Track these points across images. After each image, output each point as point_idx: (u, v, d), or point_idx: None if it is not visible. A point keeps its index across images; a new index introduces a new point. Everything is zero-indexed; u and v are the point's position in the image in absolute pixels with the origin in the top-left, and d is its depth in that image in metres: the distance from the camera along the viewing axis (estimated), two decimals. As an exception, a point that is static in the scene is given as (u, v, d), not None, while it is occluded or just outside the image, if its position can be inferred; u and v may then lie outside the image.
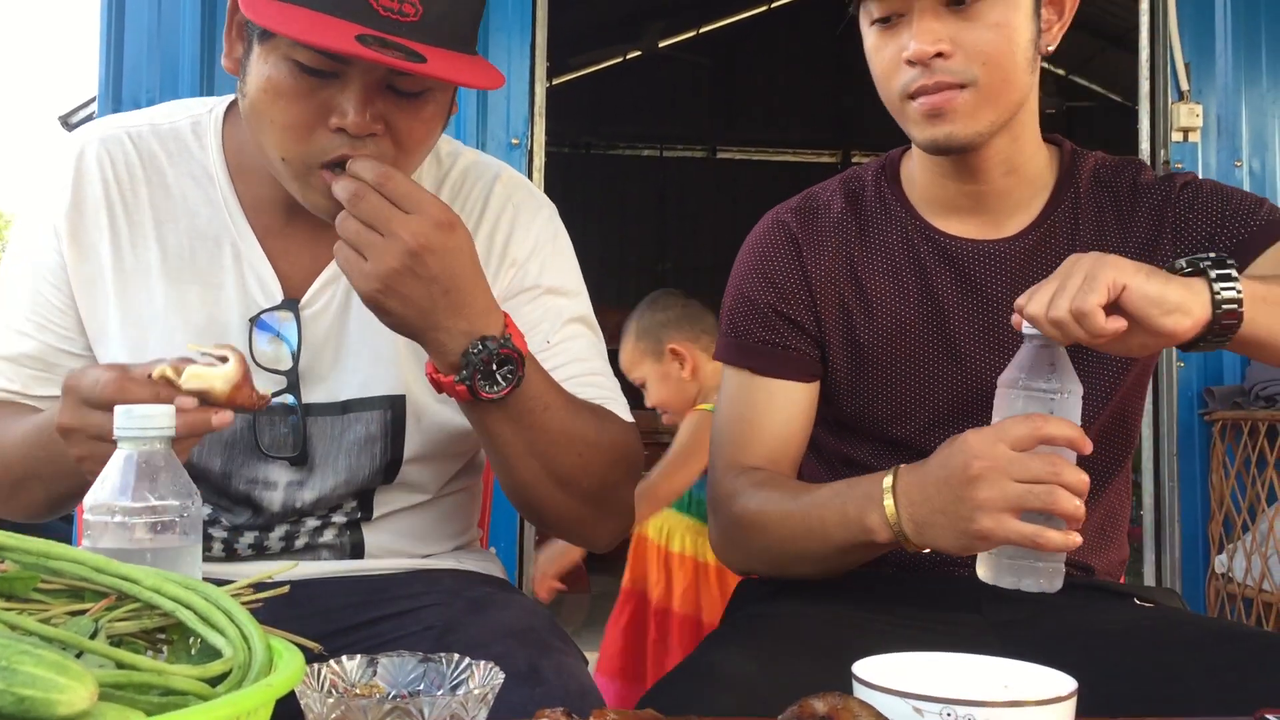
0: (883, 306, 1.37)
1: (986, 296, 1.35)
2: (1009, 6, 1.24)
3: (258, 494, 1.27)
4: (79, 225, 1.24)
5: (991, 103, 1.25)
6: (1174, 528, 3.55)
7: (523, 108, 3.41)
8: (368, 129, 1.09)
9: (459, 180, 1.33)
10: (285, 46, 1.09)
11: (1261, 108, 3.65)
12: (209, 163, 1.26)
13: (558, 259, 1.33)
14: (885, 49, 1.28)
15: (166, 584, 0.73)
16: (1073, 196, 1.37)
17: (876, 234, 1.40)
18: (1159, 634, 1.22)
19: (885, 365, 1.37)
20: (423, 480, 1.33)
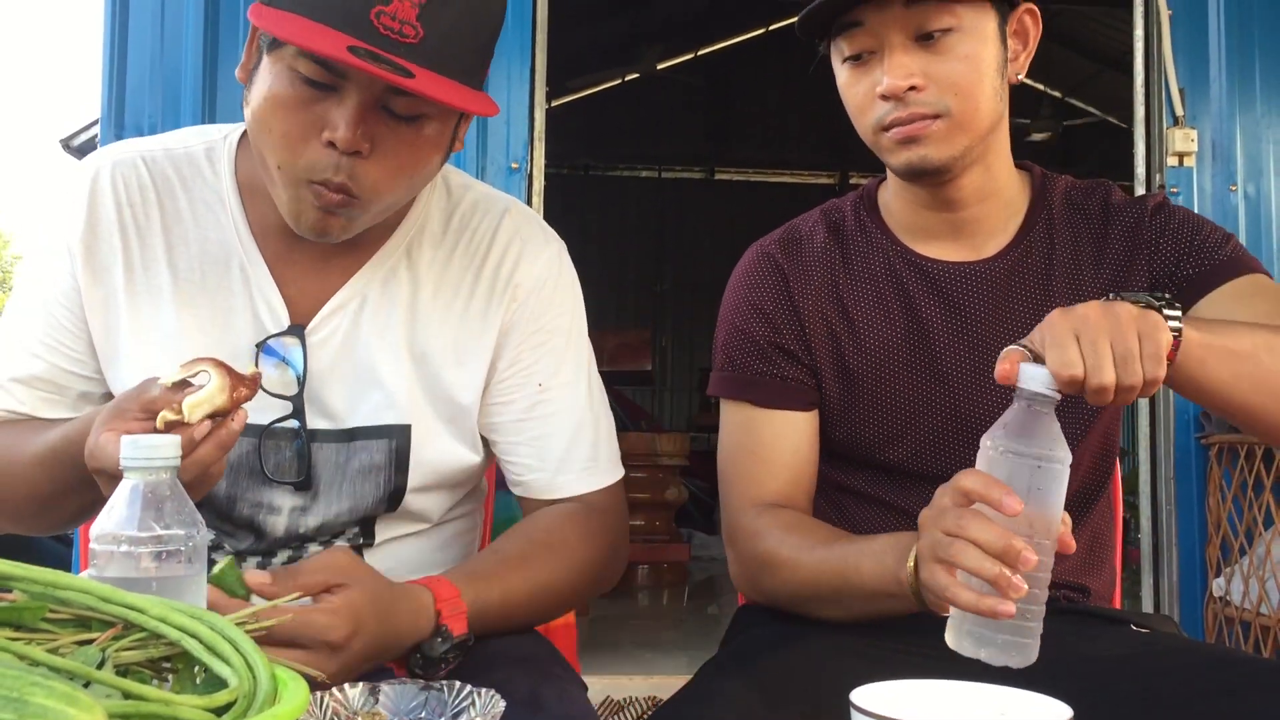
0: (869, 332, 1.40)
1: (969, 316, 1.38)
2: (977, 39, 1.29)
3: (261, 519, 1.28)
4: (93, 247, 1.25)
5: (963, 129, 1.29)
6: (1171, 551, 3.56)
7: (522, 132, 3.43)
8: (355, 145, 1.11)
9: (468, 212, 1.34)
10: (289, 57, 1.11)
11: (1256, 133, 3.67)
12: (221, 188, 1.28)
13: (559, 296, 1.34)
14: (858, 85, 1.32)
15: (172, 613, 0.74)
16: (1046, 218, 1.41)
17: (859, 261, 1.43)
18: (1154, 660, 1.22)
19: (874, 390, 1.39)
20: (425, 509, 1.34)
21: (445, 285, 1.31)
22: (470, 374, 1.30)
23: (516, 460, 1.33)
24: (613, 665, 3.63)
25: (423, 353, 1.29)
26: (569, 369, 1.33)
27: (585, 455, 1.32)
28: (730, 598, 1.53)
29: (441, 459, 1.31)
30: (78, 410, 1.28)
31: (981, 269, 1.38)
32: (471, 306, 1.31)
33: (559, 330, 1.33)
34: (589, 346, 1.38)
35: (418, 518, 1.35)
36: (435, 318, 1.30)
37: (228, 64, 3.40)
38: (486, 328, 1.31)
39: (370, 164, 1.13)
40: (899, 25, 1.27)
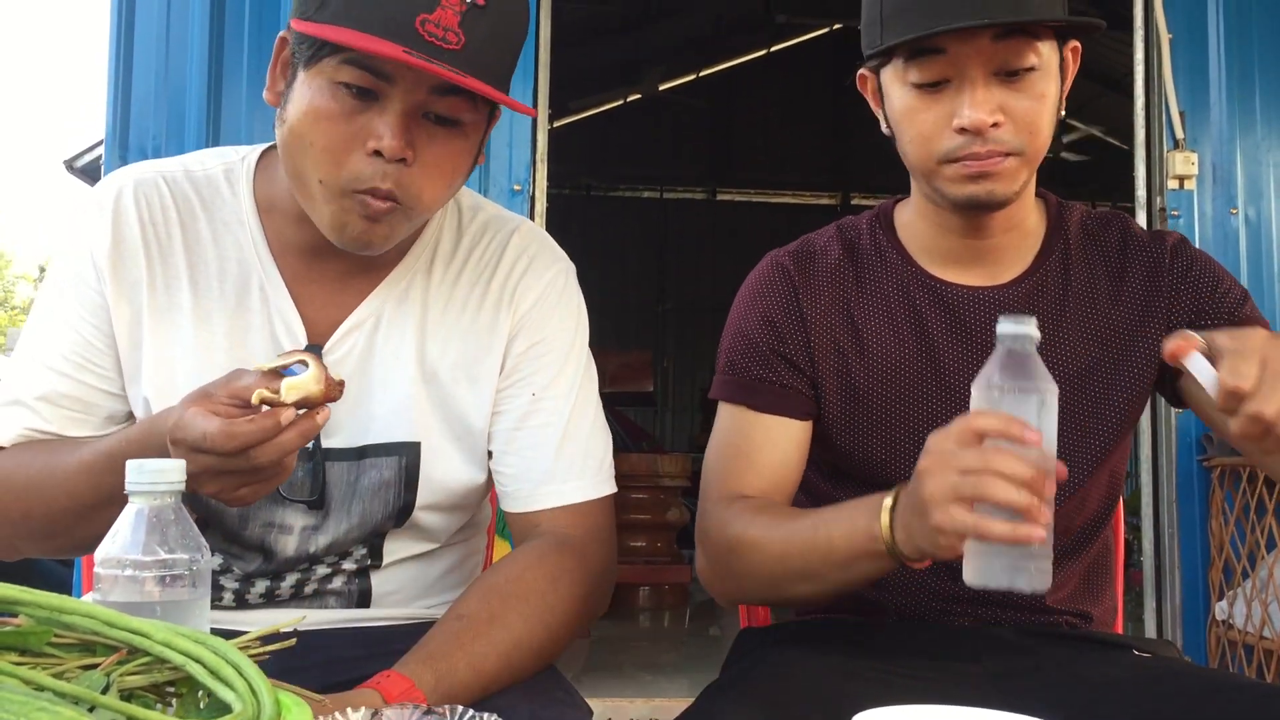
0: (878, 350, 1.40)
1: (980, 342, 1.37)
2: (1048, 78, 1.29)
3: (272, 538, 1.28)
4: (119, 265, 1.26)
5: (1028, 166, 1.30)
6: (1174, 574, 3.55)
7: (524, 154, 3.44)
8: (401, 152, 1.13)
9: (478, 233, 1.36)
10: (330, 69, 1.13)
11: (1256, 156, 3.68)
12: (240, 208, 1.29)
13: (560, 311, 1.35)
14: (928, 113, 1.29)
15: (177, 638, 0.74)
16: (1063, 247, 1.41)
17: (872, 280, 1.43)
18: (1157, 685, 1.22)
19: (879, 407, 1.39)
20: (432, 527, 1.34)
21: (454, 302, 1.32)
22: (480, 393, 1.31)
23: (504, 470, 1.32)
24: (614, 688, 3.62)
25: (433, 370, 1.30)
26: (564, 382, 1.33)
27: (570, 467, 1.31)
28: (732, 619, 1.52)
29: (449, 476, 1.31)
30: (104, 431, 1.28)
31: (996, 295, 1.38)
32: (479, 322, 1.32)
33: (557, 345, 1.33)
34: (590, 365, 1.37)
35: (425, 536, 1.35)
36: (444, 334, 1.31)
37: (232, 85, 3.42)
38: (494, 343, 1.31)
39: (415, 171, 1.15)
40: (984, 59, 1.25)
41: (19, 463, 1.21)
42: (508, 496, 1.33)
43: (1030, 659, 1.29)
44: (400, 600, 1.35)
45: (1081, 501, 1.40)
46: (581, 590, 1.25)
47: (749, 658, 1.37)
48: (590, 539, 1.30)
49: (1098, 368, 1.38)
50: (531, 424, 1.31)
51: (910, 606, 1.38)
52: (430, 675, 1.10)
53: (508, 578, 1.23)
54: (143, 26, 3.46)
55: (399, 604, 1.35)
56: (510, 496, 1.33)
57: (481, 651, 1.15)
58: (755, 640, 1.45)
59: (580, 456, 1.32)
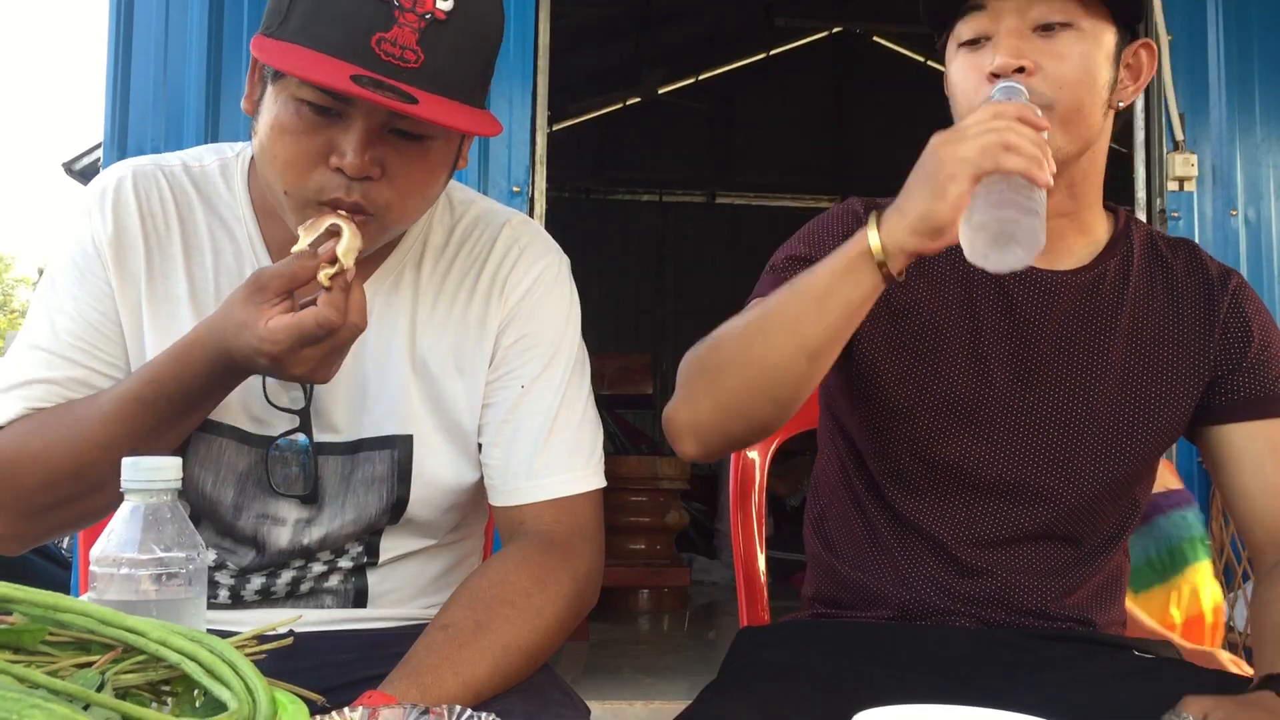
0: (925, 306, 1.39)
1: (1024, 319, 1.37)
2: (1091, 43, 1.30)
3: (265, 530, 1.28)
4: (121, 253, 1.26)
5: (1063, 128, 1.29)
6: (1174, 575, 3.54)
7: (524, 156, 3.44)
8: (364, 171, 1.13)
9: (469, 227, 1.35)
10: (293, 86, 1.13)
11: (1256, 157, 3.68)
12: (235, 204, 1.30)
13: (551, 303, 1.34)
14: (970, 70, 1.32)
15: (172, 636, 0.74)
16: (1125, 252, 1.41)
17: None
18: (1159, 685, 1.22)
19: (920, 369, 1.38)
20: (428, 522, 1.34)
21: (445, 295, 1.32)
22: (470, 385, 1.30)
23: (491, 462, 1.31)
24: (613, 690, 3.62)
25: (424, 362, 1.29)
26: (553, 375, 1.32)
27: (556, 461, 1.29)
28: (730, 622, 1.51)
29: (443, 470, 1.30)
30: None
31: (1051, 279, 1.38)
32: (470, 314, 1.31)
33: (547, 337, 1.33)
34: (581, 358, 1.36)
35: (422, 533, 1.34)
36: (434, 326, 1.30)
37: (231, 88, 3.42)
38: (484, 335, 1.31)
39: (382, 186, 1.15)
40: (1018, 11, 1.28)
41: (30, 430, 1.20)
42: (494, 490, 1.32)
43: (1031, 659, 1.29)
44: (397, 600, 1.34)
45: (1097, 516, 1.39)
46: (569, 590, 1.23)
47: (748, 658, 1.36)
48: (577, 536, 1.28)
49: (1143, 378, 1.38)
50: (519, 416, 1.30)
51: (914, 602, 1.37)
52: (416, 691, 1.07)
53: (492, 582, 1.21)
54: (141, 29, 3.46)
55: (395, 604, 1.34)
56: (496, 490, 1.31)
57: (469, 661, 1.13)
58: (754, 640, 1.45)
59: (567, 450, 1.30)
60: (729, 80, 11.25)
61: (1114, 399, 1.37)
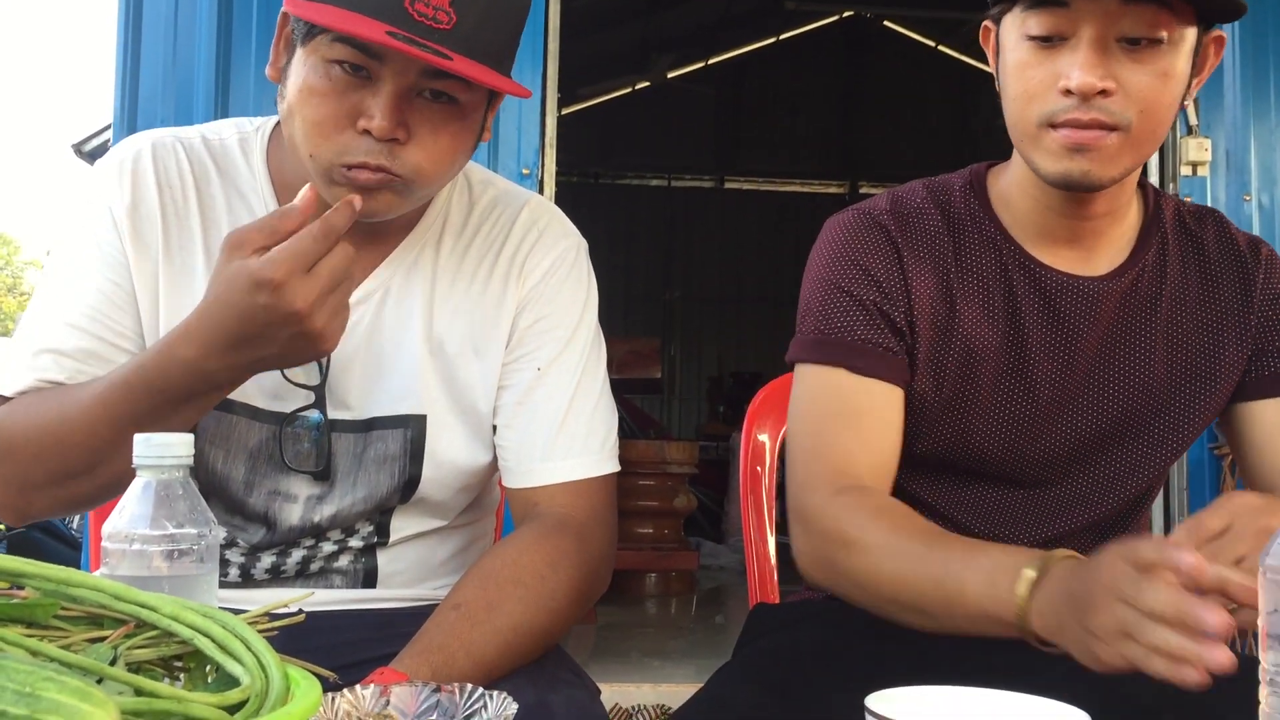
0: (969, 327, 1.32)
1: (1071, 332, 1.32)
2: (1176, 56, 1.20)
3: (277, 507, 1.28)
4: (138, 225, 1.25)
5: (1134, 149, 1.21)
6: (1184, 562, 3.53)
7: (533, 139, 3.43)
8: (392, 133, 1.12)
9: (489, 207, 1.35)
10: (324, 47, 1.13)
11: (1270, 142, 3.66)
12: (254, 179, 1.30)
13: (569, 286, 1.34)
14: (1038, 69, 1.20)
15: (185, 612, 0.73)
16: (1160, 239, 1.35)
17: (970, 253, 1.35)
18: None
19: (958, 387, 1.33)
20: (440, 503, 1.34)
21: (463, 275, 1.31)
22: (486, 367, 1.30)
23: (506, 445, 1.31)
24: (621, 674, 3.62)
25: (440, 343, 1.29)
26: (569, 358, 1.32)
27: (572, 444, 1.29)
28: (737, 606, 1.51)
29: (456, 450, 1.30)
30: None
31: (1095, 287, 1.32)
32: (487, 295, 1.31)
33: (565, 320, 1.32)
34: (598, 342, 1.36)
35: (432, 513, 1.34)
36: (451, 306, 1.30)
37: (241, 69, 3.41)
38: (501, 317, 1.31)
39: (410, 149, 1.14)
40: (1106, 19, 1.16)
41: (29, 406, 1.19)
42: (508, 471, 1.32)
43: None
44: (406, 581, 1.34)
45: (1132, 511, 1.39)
46: (581, 574, 1.23)
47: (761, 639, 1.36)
48: (590, 520, 1.28)
49: (1186, 371, 1.35)
50: (535, 399, 1.30)
51: None
52: (427, 669, 1.08)
53: (505, 562, 1.20)
54: (150, 9, 3.45)
55: (405, 584, 1.34)
56: (510, 471, 1.31)
57: (480, 640, 1.13)
58: (768, 619, 1.44)
59: (583, 433, 1.30)
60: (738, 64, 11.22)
61: (1159, 399, 1.34)
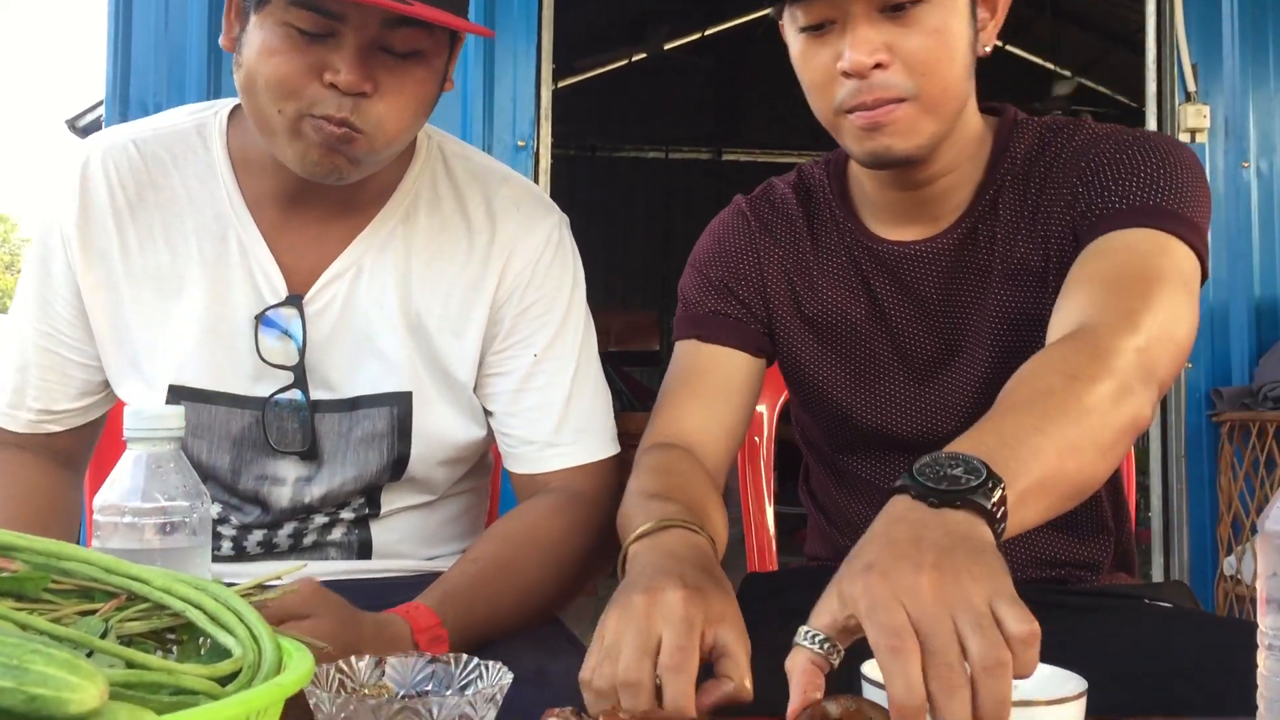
0: (831, 308, 1.36)
1: (921, 298, 1.32)
2: (947, 10, 1.18)
3: (266, 490, 1.28)
4: (87, 232, 1.26)
5: (931, 114, 1.19)
6: (1182, 530, 3.55)
7: (529, 110, 3.42)
8: (359, 87, 1.12)
9: (465, 181, 1.34)
10: (279, 11, 1.12)
11: (1269, 109, 3.64)
12: (214, 161, 1.29)
13: (557, 268, 1.33)
14: (815, 59, 1.21)
15: (176, 584, 0.73)
16: (998, 183, 1.29)
17: (825, 236, 1.38)
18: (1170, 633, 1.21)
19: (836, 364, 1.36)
20: (430, 478, 1.33)
21: (441, 253, 1.30)
22: (466, 345, 1.29)
23: (509, 433, 1.32)
24: (621, 644, 3.62)
25: (419, 320, 1.29)
26: (565, 342, 1.32)
27: (577, 428, 1.31)
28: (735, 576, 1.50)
29: (443, 427, 1.30)
30: (79, 403, 1.33)
31: (927, 249, 1.31)
32: (466, 274, 1.30)
33: (558, 303, 1.32)
34: (589, 321, 1.36)
35: (423, 488, 1.34)
36: (429, 285, 1.29)
37: (233, 42, 3.39)
38: (480, 298, 1.30)
39: (376, 102, 1.14)
40: None
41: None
42: (514, 458, 1.33)
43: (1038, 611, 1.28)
44: (401, 550, 1.34)
45: None
46: (595, 543, 1.26)
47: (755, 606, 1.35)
48: (600, 496, 1.29)
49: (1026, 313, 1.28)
50: (535, 385, 1.30)
51: None
52: (451, 613, 1.12)
53: (523, 525, 1.24)
54: (142, -17, 3.43)
55: (400, 554, 1.34)
56: (517, 459, 1.32)
57: (497, 594, 1.17)
58: (761, 586, 1.44)
59: (586, 417, 1.31)
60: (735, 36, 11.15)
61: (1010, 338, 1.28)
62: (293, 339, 1.25)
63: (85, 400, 1.33)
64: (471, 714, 0.84)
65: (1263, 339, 3.58)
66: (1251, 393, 3.46)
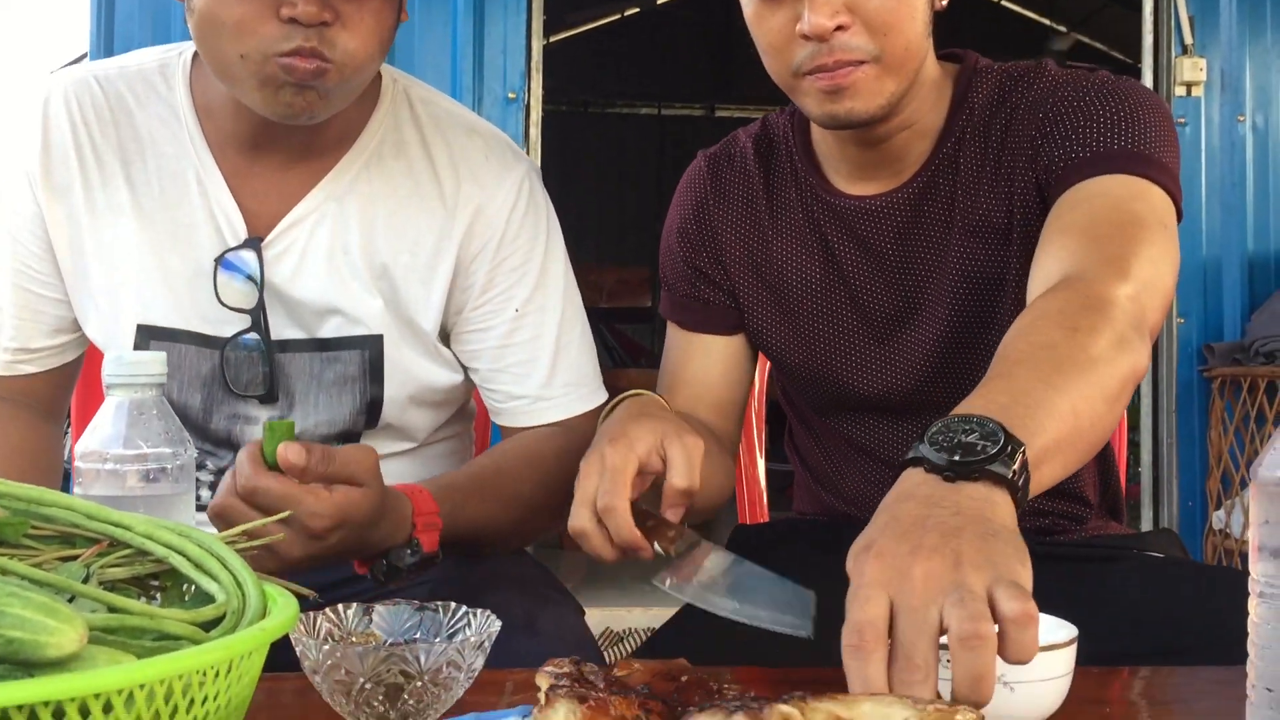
0: (787, 267, 1.34)
1: (879, 254, 1.30)
2: None
3: (239, 431, 1.28)
4: (49, 168, 1.26)
5: (893, 74, 1.17)
6: (1172, 484, 3.56)
7: (519, 62, 3.38)
8: (319, 17, 1.10)
9: (432, 127, 1.31)
10: None
11: (1266, 61, 3.61)
12: (176, 103, 1.27)
13: (531, 218, 1.31)
14: (771, 20, 1.18)
15: (159, 530, 0.72)
16: (959, 133, 1.26)
17: (781, 196, 1.36)
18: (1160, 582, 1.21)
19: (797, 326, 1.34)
20: (409, 425, 1.33)
21: (408, 201, 1.28)
22: (432, 295, 1.28)
23: (496, 388, 1.31)
24: (613, 599, 3.64)
25: (383, 267, 1.27)
26: (546, 293, 1.31)
27: (566, 381, 1.30)
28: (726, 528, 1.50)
29: (417, 371, 1.29)
30: (54, 341, 1.32)
31: (884, 203, 1.29)
32: (434, 223, 1.28)
33: (535, 253, 1.31)
34: (569, 269, 1.35)
35: (402, 435, 1.34)
36: (395, 233, 1.27)
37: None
38: (447, 246, 1.28)
39: (339, 33, 1.12)
40: None
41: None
42: (502, 413, 1.32)
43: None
44: None
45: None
46: None
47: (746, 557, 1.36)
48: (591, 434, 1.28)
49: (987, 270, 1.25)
50: (519, 340, 1.30)
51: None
52: (449, 506, 1.15)
53: (519, 445, 1.29)
54: (126, -70, 3.38)
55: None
56: (506, 413, 1.32)
57: (488, 500, 1.21)
58: (749, 539, 1.44)
59: (575, 369, 1.31)
60: (729, -11, 11.06)
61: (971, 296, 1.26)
62: (254, 282, 1.24)
63: (60, 338, 1.32)
64: (459, 661, 0.83)
65: (1255, 294, 3.58)
66: (1243, 348, 3.46)
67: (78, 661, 0.57)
